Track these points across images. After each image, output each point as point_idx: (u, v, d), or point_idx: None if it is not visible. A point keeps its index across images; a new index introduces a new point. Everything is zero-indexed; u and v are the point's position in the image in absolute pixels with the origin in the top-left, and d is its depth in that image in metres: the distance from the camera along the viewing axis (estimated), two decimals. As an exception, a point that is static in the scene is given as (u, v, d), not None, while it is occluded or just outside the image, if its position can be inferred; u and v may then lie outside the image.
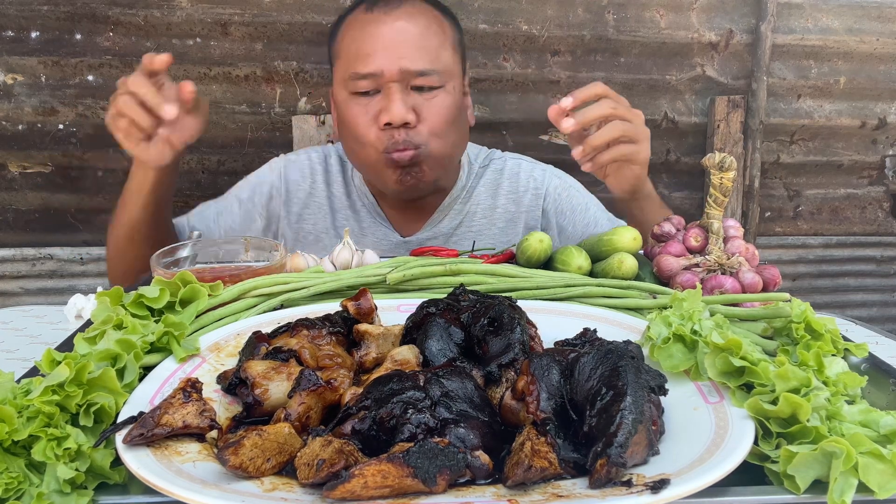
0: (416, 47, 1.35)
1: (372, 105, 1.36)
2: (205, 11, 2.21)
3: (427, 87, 1.37)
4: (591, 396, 0.62)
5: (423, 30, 1.37)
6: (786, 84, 2.52)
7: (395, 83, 1.34)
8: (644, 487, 0.54)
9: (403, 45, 1.35)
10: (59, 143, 2.27)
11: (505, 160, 1.66)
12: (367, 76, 1.34)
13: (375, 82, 1.35)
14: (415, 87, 1.36)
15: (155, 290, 0.84)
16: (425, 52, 1.36)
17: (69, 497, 0.59)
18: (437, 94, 1.38)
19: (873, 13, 2.48)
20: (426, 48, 1.36)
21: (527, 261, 1.12)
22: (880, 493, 0.58)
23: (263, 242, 1.17)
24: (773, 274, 1.02)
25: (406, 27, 1.36)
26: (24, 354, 1.10)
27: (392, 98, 1.33)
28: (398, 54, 1.34)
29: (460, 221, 1.59)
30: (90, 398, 0.66)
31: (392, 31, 1.35)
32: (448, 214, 1.58)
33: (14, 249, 2.36)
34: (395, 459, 0.55)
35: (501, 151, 1.70)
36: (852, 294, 2.82)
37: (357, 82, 1.36)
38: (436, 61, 1.37)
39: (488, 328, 0.78)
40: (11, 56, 2.18)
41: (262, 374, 0.71)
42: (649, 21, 2.40)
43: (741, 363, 0.68)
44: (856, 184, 2.71)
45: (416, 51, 1.35)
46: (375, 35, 1.35)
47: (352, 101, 1.38)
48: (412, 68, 1.34)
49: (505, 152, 1.70)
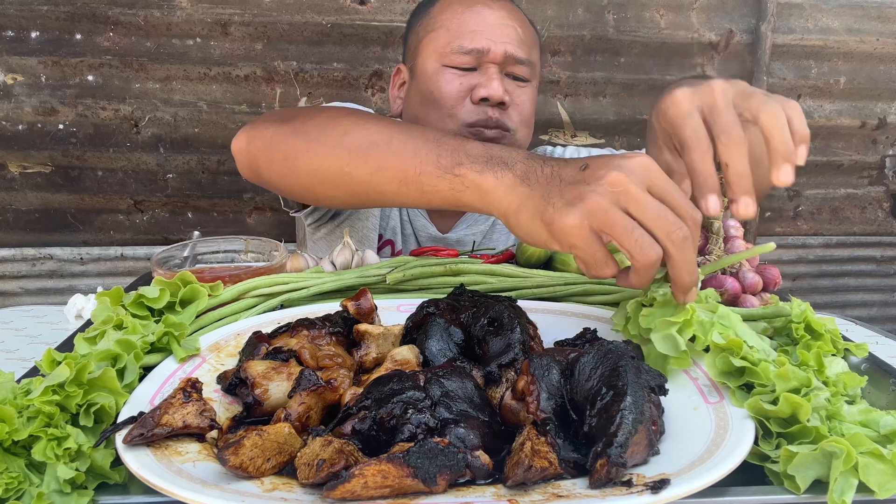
0: (518, 37, 1.41)
1: (467, 79, 1.39)
2: (205, 11, 2.21)
3: (520, 77, 1.42)
4: (591, 396, 0.62)
5: (521, 24, 1.43)
6: (786, 84, 2.52)
7: (495, 64, 1.38)
8: (644, 487, 0.54)
9: (509, 31, 1.39)
10: (59, 143, 2.27)
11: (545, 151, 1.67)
12: (471, 51, 1.37)
13: (477, 59, 1.38)
14: (510, 74, 1.41)
15: (155, 290, 0.84)
16: (525, 44, 1.42)
17: (69, 497, 0.59)
18: (526, 86, 1.44)
19: (873, 13, 2.48)
20: (526, 41, 1.42)
21: (527, 261, 1.12)
22: (880, 493, 0.58)
23: (263, 242, 1.17)
24: (773, 274, 1.02)
25: (508, 17, 1.42)
26: (24, 354, 1.10)
27: (492, 76, 1.37)
28: (504, 38, 1.38)
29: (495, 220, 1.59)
30: (90, 398, 0.66)
31: (497, 16, 1.40)
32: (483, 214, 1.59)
33: (14, 249, 2.36)
34: (395, 459, 0.55)
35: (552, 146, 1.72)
36: (852, 294, 2.82)
37: (458, 56, 1.38)
38: (531, 55, 1.43)
39: (488, 328, 0.78)
40: (11, 56, 2.18)
41: (262, 374, 0.71)
42: (649, 21, 2.40)
43: (741, 363, 0.68)
44: (856, 184, 2.71)
45: (518, 40, 1.40)
46: (483, 15, 1.40)
47: (445, 72, 1.40)
48: (516, 54, 1.38)
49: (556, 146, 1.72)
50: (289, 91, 2.31)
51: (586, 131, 2.50)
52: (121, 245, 2.42)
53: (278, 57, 2.28)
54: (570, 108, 2.46)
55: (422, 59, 1.44)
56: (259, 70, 2.28)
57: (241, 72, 2.27)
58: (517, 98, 1.41)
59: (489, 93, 1.35)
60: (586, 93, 2.45)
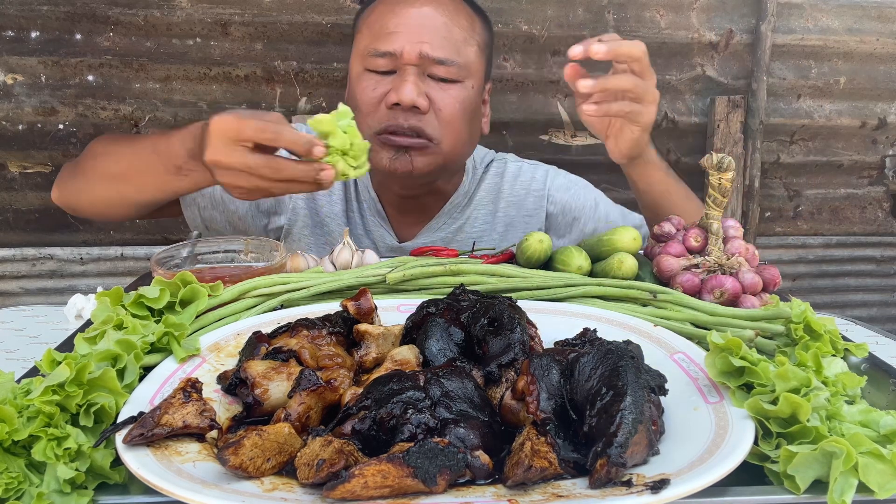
0: (439, 35, 1.33)
1: (383, 84, 1.33)
2: (205, 11, 2.21)
3: (445, 79, 1.35)
4: (591, 396, 0.62)
5: (451, 20, 1.35)
6: (786, 84, 2.52)
7: (411, 66, 1.31)
8: (644, 487, 0.54)
9: (427, 31, 1.32)
10: (59, 143, 2.27)
11: (506, 163, 1.63)
12: (385, 55, 1.32)
13: (393, 62, 1.32)
14: (432, 75, 1.34)
15: (155, 290, 0.84)
16: (448, 42, 1.33)
17: (69, 497, 0.59)
18: (453, 87, 1.35)
19: (873, 13, 2.48)
20: (450, 39, 1.34)
21: (527, 261, 1.12)
22: (880, 493, 0.58)
23: (263, 242, 1.17)
24: (772, 274, 1.02)
25: (433, 13, 1.34)
26: (24, 354, 1.10)
27: (405, 79, 1.30)
28: (420, 38, 1.31)
29: (460, 226, 1.55)
30: (90, 398, 0.66)
31: (419, 14, 1.33)
32: (447, 220, 1.55)
33: (14, 249, 2.36)
34: (395, 459, 0.55)
35: (503, 153, 1.67)
36: (852, 294, 2.82)
37: (375, 59, 1.33)
38: (457, 54, 1.34)
39: (488, 328, 0.78)
40: (11, 56, 2.18)
41: (262, 374, 0.71)
42: (649, 21, 2.40)
43: (741, 363, 0.68)
44: (856, 184, 2.71)
45: (439, 39, 1.32)
46: (401, 15, 1.33)
47: (365, 77, 1.35)
48: (432, 55, 1.31)
49: (507, 154, 1.66)
50: (289, 91, 2.31)
51: (586, 131, 2.50)
52: (121, 245, 2.41)
53: (278, 57, 2.27)
54: (570, 108, 2.46)
55: (351, 63, 1.41)
56: (259, 70, 2.28)
57: (241, 72, 2.27)
58: (440, 101, 1.33)
59: (399, 97, 1.29)
60: (586, 93, 2.45)
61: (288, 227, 1.53)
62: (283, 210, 1.52)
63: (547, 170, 1.63)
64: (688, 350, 0.80)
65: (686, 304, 0.95)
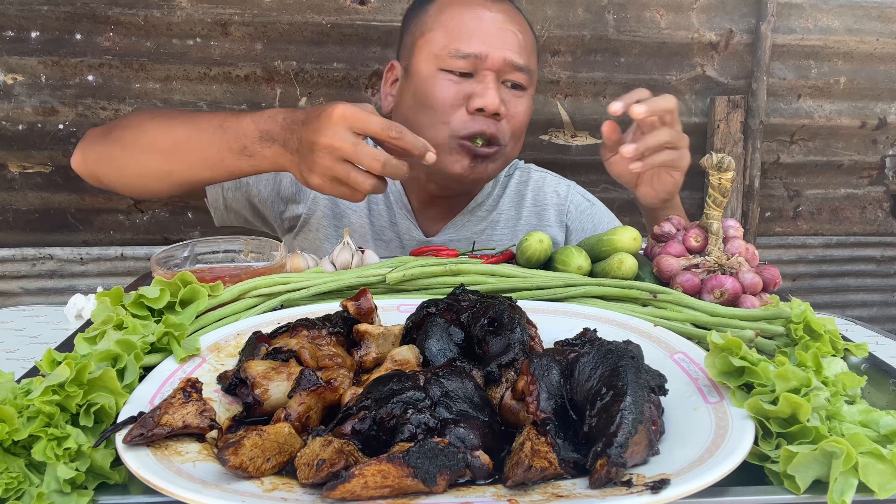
0: (518, 43, 1.35)
1: (462, 86, 1.33)
2: (205, 11, 2.21)
3: (518, 85, 1.37)
4: (591, 396, 0.62)
5: (519, 27, 1.38)
6: (786, 84, 2.52)
7: (492, 72, 1.32)
8: (644, 487, 0.54)
9: (509, 36, 1.34)
10: (59, 143, 2.27)
11: (530, 172, 1.65)
12: (468, 56, 1.31)
13: (473, 65, 1.32)
14: (506, 81, 1.35)
15: (155, 290, 0.84)
16: (524, 51, 1.36)
17: (69, 497, 0.59)
18: (523, 95, 1.38)
19: (873, 13, 2.48)
20: (525, 47, 1.36)
21: (527, 261, 1.12)
22: (880, 493, 0.58)
23: (263, 242, 1.17)
24: (772, 274, 1.02)
25: (505, 20, 1.36)
26: (24, 354, 1.10)
27: (489, 85, 1.31)
28: (504, 43, 1.33)
29: (484, 228, 1.56)
30: (90, 398, 0.66)
31: (495, 19, 1.34)
32: (472, 219, 1.56)
33: (14, 249, 2.36)
34: (395, 459, 0.55)
35: (525, 162, 1.69)
36: (852, 294, 2.82)
37: (455, 60, 1.32)
38: (530, 61, 1.38)
39: (488, 328, 0.78)
40: (11, 56, 2.18)
41: (262, 374, 0.71)
42: (649, 21, 2.40)
43: (741, 363, 0.68)
44: (856, 184, 2.71)
45: (517, 45, 1.35)
46: (483, 18, 1.34)
47: (440, 76, 1.34)
48: (515, 61, 1.33)
49: (529, 164, 1.69)
50: (289, 91, 2.31)
51: (586, 131, 2.50)
52: (121, 245, 2.41)
53: (278, 57, 2.27)
54: (570, 108, 2.46)
55: (417, 60, 1.38)
56: (259, 70, 2.28)
57: (241, 72, 2.27)
58: (513, 108, 1.36)
59: (485, 103, 1.30)
60: (586, 93, 2.45)
61: (307, 216, 1.52)
62: (303, 199, 1.52)
63: (569, 185, 1.66)
64: (688, 350, 0.80)
65: (686, 304, 0.95)
